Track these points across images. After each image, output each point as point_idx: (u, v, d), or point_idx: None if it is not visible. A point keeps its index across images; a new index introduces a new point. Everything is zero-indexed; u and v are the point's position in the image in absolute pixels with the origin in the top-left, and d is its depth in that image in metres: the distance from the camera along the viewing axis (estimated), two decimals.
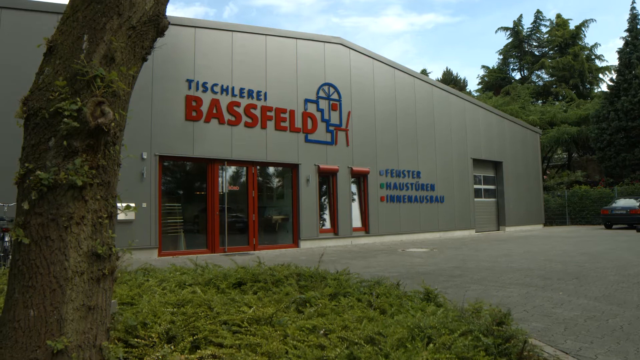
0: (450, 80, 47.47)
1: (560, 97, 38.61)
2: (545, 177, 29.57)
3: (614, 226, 20.67)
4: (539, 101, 40.61)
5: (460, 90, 45.18)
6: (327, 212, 15.23)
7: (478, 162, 20.53)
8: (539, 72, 41.39)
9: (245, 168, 13.34)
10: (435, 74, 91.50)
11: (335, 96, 15.40)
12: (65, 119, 2.23)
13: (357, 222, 15.85)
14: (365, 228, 15.94)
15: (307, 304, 4.37)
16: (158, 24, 2.67)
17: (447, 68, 70.08)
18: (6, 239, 7.92)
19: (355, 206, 15.88)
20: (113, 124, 2.35)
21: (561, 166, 35.83)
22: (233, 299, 4.15)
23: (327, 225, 15.14)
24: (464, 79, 48.97)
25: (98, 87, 2.34)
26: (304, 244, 14.15)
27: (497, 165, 21.65)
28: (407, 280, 6.97)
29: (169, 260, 10.99)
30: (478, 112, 20.74)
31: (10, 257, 8.05)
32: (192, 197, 12.95)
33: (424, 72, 46.32)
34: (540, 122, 31.31)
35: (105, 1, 2.44)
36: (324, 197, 15.19)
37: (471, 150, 20.06)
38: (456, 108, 19.61)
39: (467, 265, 8.75)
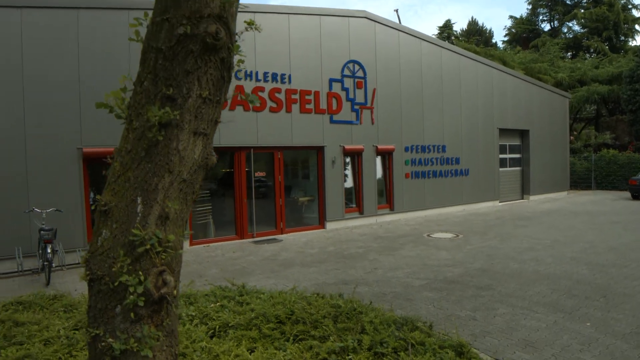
0: (476, 31, 45.76)
1: (592, 50, 37.04)
2: (572, 137, 28.93)
3: None
4: (569, 53, 39.08)
5: (486, 42, 43.73)
6: (352, 191, 15.37)
7: (504, 132, 20.23)
8: (570, 24, 39.54)
9: (271, 153, 13.44)
10: (460, 24, 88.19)
11: (360, 73, 15.15)
12: (131, 296, 2.38)
13: (382, 200, 16.00)
14: (390, 206, 16.09)
15: (349, 357, 4.63)
16: (207, 165, 2.75)
17: (472, 18, 67.30)
18: (48, 250, 8.31)
19: (380, 184, 15.97)
20: (175, 290, 2.49)
21: (589, 121, 34.86)
22: None
23: (353, 204, 15.33)
24: (490, 30, 47.12)
25: (157, 252, 2.46)
26: (330, 225, 14.42)
27: (523, 134, 21.31)
28: (436, 293, 7.11)
29: (201, 250, 11.39)
30: (506, 79, 20.18)
31: (53, 264, 8.50)
32: (219, 184, 13.17)
33: (447, 23, 44.61)
34: (569, 79, 30.29)
35: (155, 160, 2.51)
36: (349, 177, 15.28)
37: (498, 120, 19.72)
38: (483, 77, 19.12)
39: (494, 267, 8.89)
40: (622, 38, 37.64)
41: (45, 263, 8.40)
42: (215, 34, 2.46)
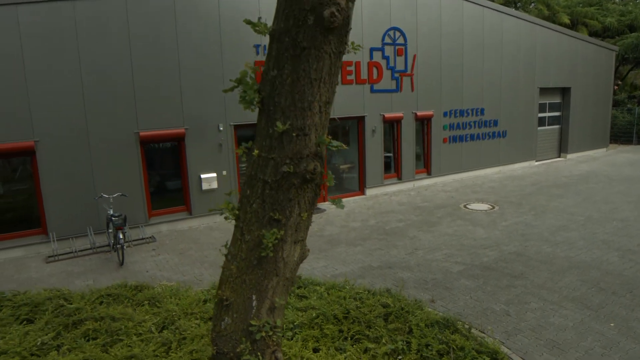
0: None
1: None
2: (615, 87, 28.08)
3: None
4: None
5: None
6: (391, 158, 15.89)
7: (545, 90, 20.01)
8: None
9: None
10: None
11: (400, 40, 15.19)
12: None
13: (419, 164, 16.49)
14: (427, 170, 16.60)
15: (399, 358, 5.49)
16: (302, 260, 3.45)
17: None
18: (120, 236, 9.31)
19: (418, 149, 16.41)
20: None
21: (637, 63, 33.33)
22: None
23: (391, 170, 15.90)
24: None
25: (269, 335, 3.24)
26: (370, 192, 15.12)
27: (564, 91, 21.01)
28: (472, 281, 7.80)
29: None
30: (549, 35, 19.67)
31: (125, 247, 9.53)
32: None
33: None
34: (618, 25, 28.91)
35: (266, 267, 3.21)
36: (388, 144, 15.75)
37: (539, 79, 19.48)
38: (526, 35, 18.72)
39: (527, 251, 9.50)
40: None
41: (118, 246, 9.46)
42: (312, 170, 3.08)
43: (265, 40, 12.58)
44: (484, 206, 13.23)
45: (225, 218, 3.42)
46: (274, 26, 2.93)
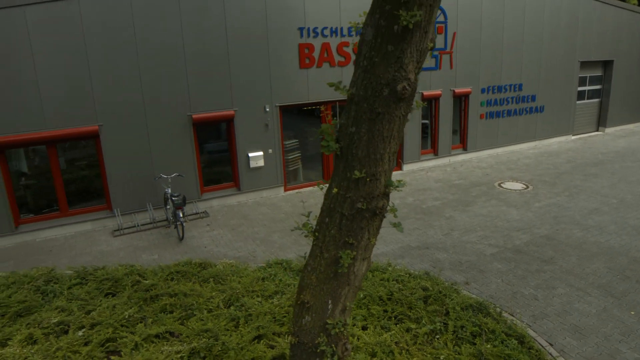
0: None
1: None
2: None
3: None
4: None
5: None
6: (428, 134, 16.36)
7: (585, 63, 19.81)
8: None
9: None
10: None
11: (441, 18, 15.35)
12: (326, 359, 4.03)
13: (455, 139, 16.92)
14: (464, 145, 17.02)
15: (437, 337, 6.32)
16: (368, 269, 4.22)
17: None
18: (180, 215, 10.26)
19: (455, 125, 16.79)
20: (351, 352, 4.11)
21: None
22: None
23: (428, 146, 16.40)
24: None
25: (341, 331, 4.06)
26: (407, 167, 15.73)
27: (606, 64, 20.71)
28: (504, 265, 8.46)
29: (293, 195, 13.18)
30: (593, 7, 19.30)
31: (184, 224, 10.48)
32: (306, 132, 14.57)
33: None
34: None
35: (340, 279, 3.99)
36: (425, 121, 16.18)
37: (580, 53, 19.29)
38: (568, 7, 18.46)
39: (558, 235, 10.05)
40: None
41: (178, 223, 10.44)
42: (381, 207, 3.79)
43: (310, 23, 13.04)
44: (518, 185, 13.70)
45: (305, 236, 4.19)
46: (352, 90, 3.57)
